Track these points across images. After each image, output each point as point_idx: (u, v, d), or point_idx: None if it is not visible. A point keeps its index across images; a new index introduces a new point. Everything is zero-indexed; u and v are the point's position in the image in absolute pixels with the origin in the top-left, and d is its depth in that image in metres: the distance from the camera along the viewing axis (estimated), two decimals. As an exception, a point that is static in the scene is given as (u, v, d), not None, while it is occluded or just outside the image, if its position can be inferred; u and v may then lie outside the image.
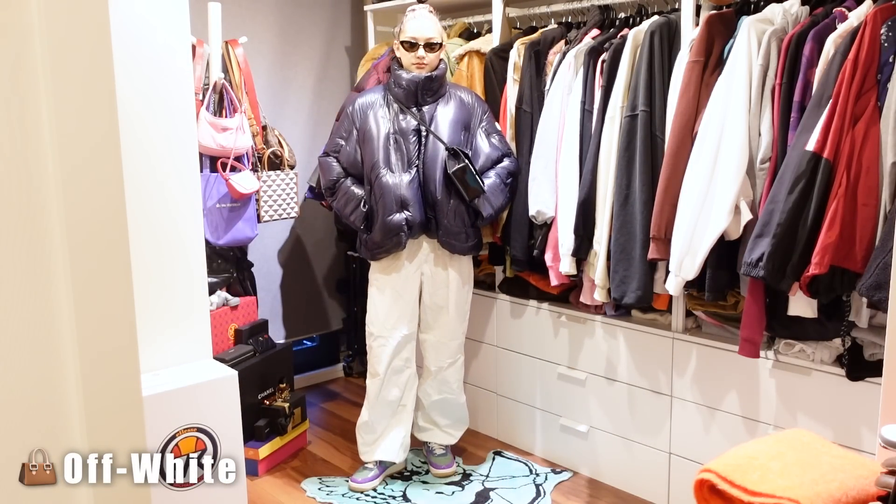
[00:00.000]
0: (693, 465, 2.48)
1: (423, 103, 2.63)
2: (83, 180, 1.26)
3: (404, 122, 2.61)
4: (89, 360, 1.29)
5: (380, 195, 2.58)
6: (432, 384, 2.84)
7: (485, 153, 2.69)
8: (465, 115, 2.67)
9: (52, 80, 1.21)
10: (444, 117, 2.63)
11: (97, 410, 1.31)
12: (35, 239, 1.23)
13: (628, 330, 2.64)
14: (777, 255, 1.95)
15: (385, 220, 2.57)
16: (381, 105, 2.64)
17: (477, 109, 2.71)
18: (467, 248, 2.72)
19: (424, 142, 2.60)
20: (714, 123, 2.14)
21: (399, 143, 2.60)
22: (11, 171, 1.20)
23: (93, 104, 1.26)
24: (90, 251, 1.28)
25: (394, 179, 2.57)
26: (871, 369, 2.06)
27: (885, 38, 1.88)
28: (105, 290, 1.30)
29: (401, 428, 2.81)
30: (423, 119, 2.61)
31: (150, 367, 2.38)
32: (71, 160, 1.24)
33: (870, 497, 1.11)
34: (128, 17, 2.24)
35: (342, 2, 3.74)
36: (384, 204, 2.57)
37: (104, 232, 1.29)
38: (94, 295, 1.29)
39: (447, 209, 2.61)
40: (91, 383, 1.29)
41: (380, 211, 2.58)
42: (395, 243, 2.61)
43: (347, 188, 2.66)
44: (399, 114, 2.62)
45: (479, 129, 2.70)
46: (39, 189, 1.23)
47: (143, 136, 2.30)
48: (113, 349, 1.32)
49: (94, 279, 1.28)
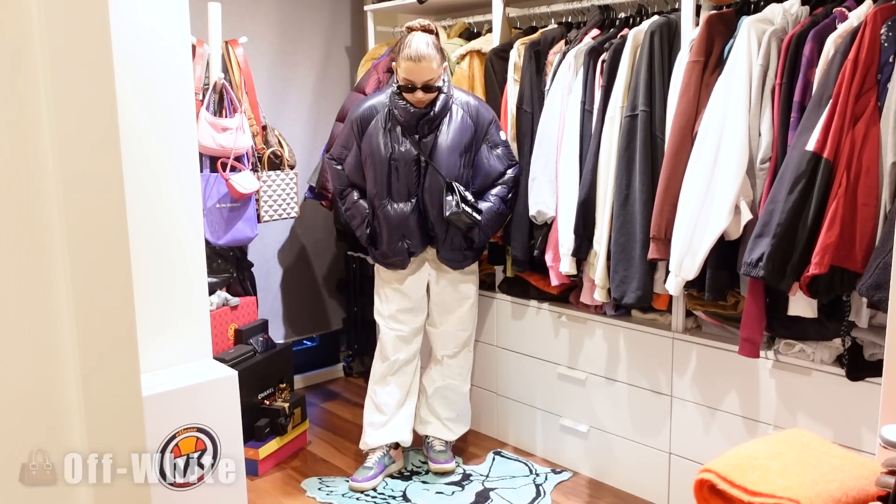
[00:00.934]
0: (693, 465, 2.48)
1: (422, 134, 2.61)
2: (83, 180, 1.26)
3: (404, 149, 2.61)
4: (89, 360, 1.29)
5: (383, 224, 2.66)
6: (438, 370, 2.89)
7: (486, 171, 2.69)
8: (467, 135, 2.64)
9: (52, 80, 1.21)
10: (444, 144, 2.61)
11: (97, 410, 1.31)
12: (35, 239, 1.23)
13: (628, 330, 2.64)
14: (777, 255, 1.95)
15: (388, 247, 2.69)
16: (383, 123, 2.63)
17: (481, 123, 2.67)
18: (467, 262, 2.78)
19: (424, 171, 2.62)
20: (714, 123, 2.14)
21: (399, 171, 2.61)
22: (11, 171, 1.19)
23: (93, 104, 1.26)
24: (90, 251, 1.28)
25: (395, 211, 2.64)
26: (871, 369, 2.06)
27: (885, 38, 1.88)
28: (105, 290, 1.30)
29: (408, 408, 2.86)
30: (423, 149, 2.61)
31: (150, 367, 2.38)
32: (71, 160, 1.24)
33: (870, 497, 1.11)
34: (128, 17, 2.23)
35: (342, 2, 3.74)
36: (387, 233, 2.67)
37: (104, 232, 1.29)
38: (94, 295, 1.29)
39: (444, 239, 2.68)
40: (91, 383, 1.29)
41: (384, 237, 2.68)
42: (399, 261, 2.71)
43: (354, 201, 2.73)
44: (401, 137, 2.61)
45: (483, 143, 2.68)
46: (39, 189, 1.23)
47: (142, 136, 2.30)
48: (113, 349, 1.32)
49: (93, 279, 1.28)
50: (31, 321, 1.24)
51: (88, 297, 1.28)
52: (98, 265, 1.29)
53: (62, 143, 1.23)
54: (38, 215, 1.23)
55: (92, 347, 1.29)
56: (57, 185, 1.23)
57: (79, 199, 1.25)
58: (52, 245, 1.25)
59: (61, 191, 1.23)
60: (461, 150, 2.63)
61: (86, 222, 1.27)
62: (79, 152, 1.25)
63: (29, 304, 1.24)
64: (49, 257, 1.25)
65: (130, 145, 2.22)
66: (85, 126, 1.26)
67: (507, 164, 2.71)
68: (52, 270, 1.25)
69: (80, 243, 1.26)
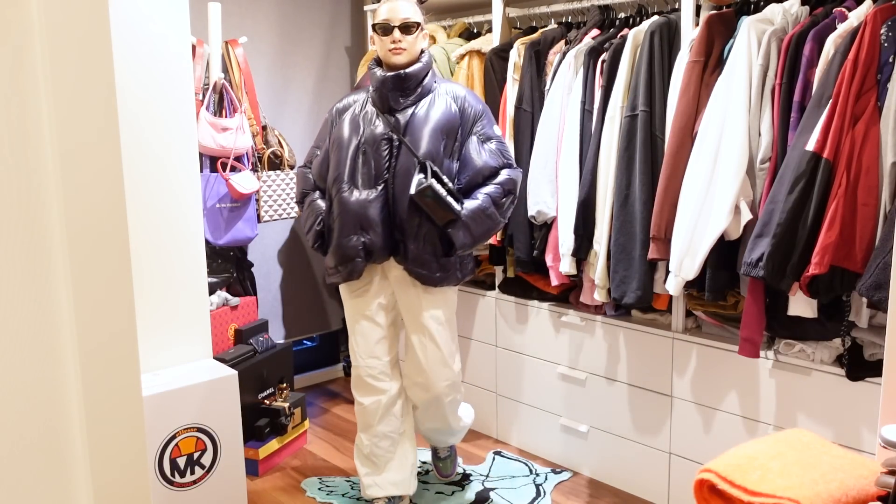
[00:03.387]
0: (693, 465, 2.48)
1: (396, 107, 2.26)
2: (83, 180, 1.26)
3: (375, 129, 2.26)
4: (89, 360, 1.29)
5: (337, 213, 2.26)
6: (420, 413, 2.53)
7: (475, 165, 2.29)
8: (451, 118, 2.28)
9: (52, 80, 1.21)
10: (424, 122, 2.25)
11: (97, 410, 1.31)
12: (35, 239, 1.23)
13: (628, 330, 2.64)
14: (777, 255, 1.95)
15: (339, 241, 2.26)
16: (360, 108, 2.32)
17: (470, 110, 2.32)
18: (438, 280, 2.31)
19: (396, 152, 2.24)
20: (714, 123, 2.14)
21: (367, 154, 2.25)
22: (11, 170, 1.20)
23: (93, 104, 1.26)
24: (90, 251, 1.28)
25: (355, 196, 2.24)
26: (871, 369, 2.06)
27: (885, 38, 1.88)
28: (105, 290, 1.30)
29: (405, 453, 2.49)
30: (396, 125, 2.25)
31: (150, 367, 2.38)
32: (71, 160, 1.24)
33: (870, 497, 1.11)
34: (128, 17, 2.24)
35: (342, 2, 3.74)
36: (340, 224, 2.25)
37: (104, 232, 1.30)
38: (94, 295, 1.29)
39: (415, 233, 2.24)
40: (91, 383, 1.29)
41: (335, 231, 2.27)
42: (349, 270, 2.28)
43: (312, 201, 2.38)
44: (374, 118, 2.28)
45: (472, 134, 2.32)
46: (39, 189, 1.23)
47: (143, 136, 2.30)
48: (113, 349, 1.32)
49: (94, 279, 1.29)
50: (31, 321, 1.24)
51: (88, 297, 1.28)
52: (98, 265, 1.29)
53: (62, 143, 1.23)
54: (38, 215, 1.23)
55: (92, 347, 1.29)
56: (57, 185, 1.23)
57: (79, 199, 1.26)
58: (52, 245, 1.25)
59: (61, 190, 1.23)
60: (443, 131, 2.25)
61: (86, 222, 1.27)
62: (79, 152, 1.25)
63: (29, 304, 1.24)
64: (49, 257, 1.25)
65: (130, 145, 2.23)
66: (85, 126, 1.26)
67: (502, 163, 2.34)
68: (52, 270, 1.25)
69: (80, 243, 1.26)
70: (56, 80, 1.21)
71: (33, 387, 1.25)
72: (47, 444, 1.28)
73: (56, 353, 1.27)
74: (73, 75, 1.23)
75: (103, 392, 1.31)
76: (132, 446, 1.37)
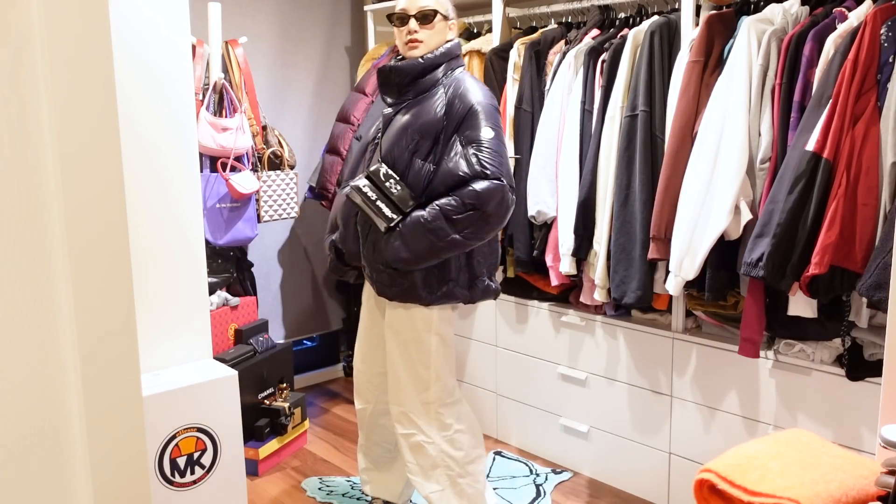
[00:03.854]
0: (693, 465, 2.48)
1: (389, 103, 2.14)
2: (83, 180, 1.26)
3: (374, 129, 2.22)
4: (89, 360, 1.29)
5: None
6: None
7: (443, 172, 2.00)
8: (432, 117, 2.03)
9: (52, 80, 1.21)
10: (400, 121, 2.08)
11: (97, 410, 1.31)
12: (35, 239, 1.23)
13: (628, 330, 2.64)
14: (777, 255, 1.95)
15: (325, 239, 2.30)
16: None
17: (458, 108, 2.02)
18: (392, 294, 2.08)
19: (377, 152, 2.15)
20: (714, 123, 2.14)
21: (366, 153, 2.22)
22: (11, 170, 1.20)
23: (93, 104, 1.26)
24: (90, 251, 1.28)
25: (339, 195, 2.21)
26: (871, 369, 2.06)
27: (885, 38, 1.88)
28: (105, 291, 1.30)
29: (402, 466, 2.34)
30: (383, 124, 2.14)
31: (150, 367, 2.38)
32: (71, 160, 1.24)
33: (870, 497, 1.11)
34: (128, 17, 2.24)
35: (342, 2, 3.74)
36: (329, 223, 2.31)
37: (104, 232, 1.30)
38: (94, 295, 1.29)
39: (366, 237, 2.09)
40: (91, 383, 1.29)
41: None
42: (332, 268, 2.30)
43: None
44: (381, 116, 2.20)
45: (456, 134, 2.03)
46: (39, 189, 1.23)
47: (143, 136, 2.30)
48: (113, 349, 1.32)
49: (94, 279, 1.29)
50: (31, 321, 1.24)
51: (88, 297, 1.28)
52: (98, 265, 1.29)
53: (62, 144, 1.23)
54: (38, 215, 1.23)
55: (92, 347, 1.29)
56: (57, 185, 1.23)
57: (79, 199, 1.26)
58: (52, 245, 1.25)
59: (61, 190, 1.23)
60: (418, 130, 2.03)
61: (86, 222, 1.27)
62: (79, 152, 1.25)
63: (29, 304, 1.24)
64: (49, 257, 1.25)
65: (131, 145, 2.23)
66: (85, 126, 1.26)
67: (476, 172, 1.96)
68: (52, 270, 1.25)
69: (80, 243, 1.26)
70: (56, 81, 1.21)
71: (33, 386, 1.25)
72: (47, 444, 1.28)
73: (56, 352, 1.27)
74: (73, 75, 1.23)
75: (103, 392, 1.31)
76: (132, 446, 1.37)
